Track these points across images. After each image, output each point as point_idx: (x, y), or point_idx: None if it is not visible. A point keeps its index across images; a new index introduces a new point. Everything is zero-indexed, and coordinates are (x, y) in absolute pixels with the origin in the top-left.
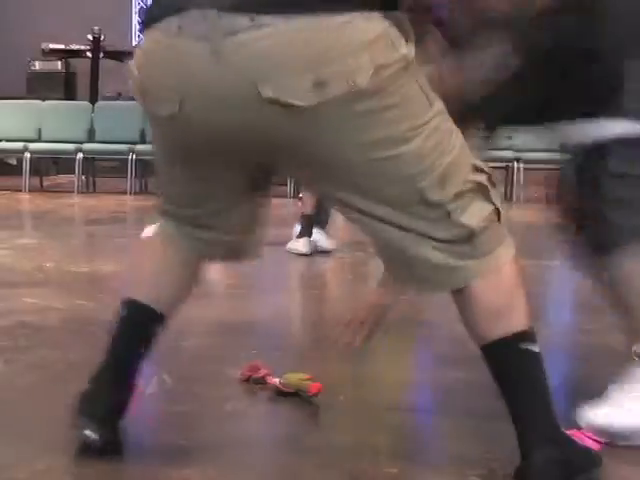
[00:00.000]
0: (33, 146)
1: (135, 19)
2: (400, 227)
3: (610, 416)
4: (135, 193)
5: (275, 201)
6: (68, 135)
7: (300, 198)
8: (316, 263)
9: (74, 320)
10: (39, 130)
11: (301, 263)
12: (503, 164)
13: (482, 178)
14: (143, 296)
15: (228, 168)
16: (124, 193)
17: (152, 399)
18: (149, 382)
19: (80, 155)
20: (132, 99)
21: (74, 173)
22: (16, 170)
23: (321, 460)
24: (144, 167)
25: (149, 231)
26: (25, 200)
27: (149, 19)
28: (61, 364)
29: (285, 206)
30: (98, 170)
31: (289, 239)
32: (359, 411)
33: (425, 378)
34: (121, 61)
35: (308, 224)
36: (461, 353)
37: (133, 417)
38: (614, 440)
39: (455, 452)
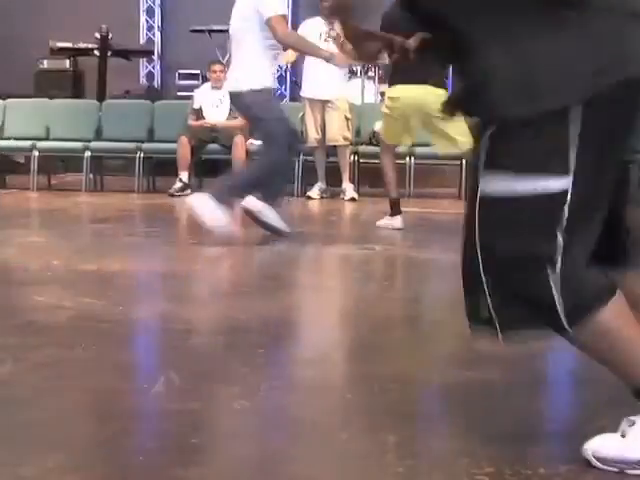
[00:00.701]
0: (41, 144)
1: (143, 17)
2: None
3: (621, 449)
4: (142, 191)
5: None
6: (76, 134)
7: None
8: (321, 261)
9: (82, 318)
10: (47, 129)
11: (306, 261)
12: None
13: None
14: None
15: None
16: (132, 191)
17: (159, 397)
18: (156, 380)
19: (88, 154)
20: (140, 97)
21: (82, 172)
22: (24, 168)
23: (328, 459)
24: (151, 166)
25: None
26: (33, 199)
27: None
28: (69, 362)
29: (293, 204)
30: (106, 169)
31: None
32: (366, 410)
33: (432, 377)
34: (129, 59)
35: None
36: (468, 352)
37: (140, 415)
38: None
39: (462, 451)
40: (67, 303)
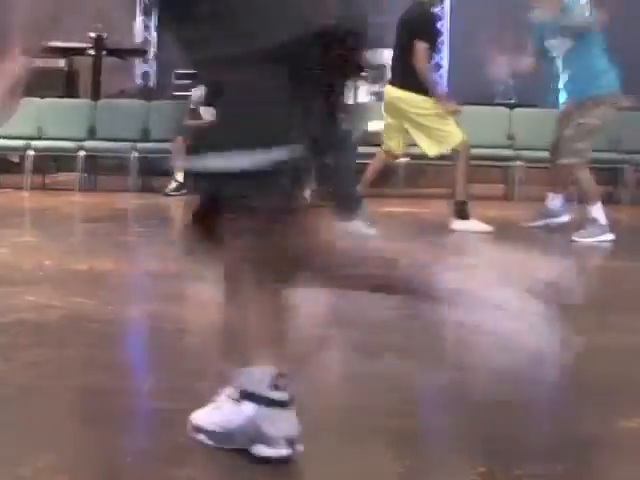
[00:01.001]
0: (35, 144)
1: (139, 17)
2: None
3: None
4: (136, 191)
5: None
6: (70, 133)
7: None
8: None
9: (73, 318)
10: (41, 128)
11: None
12: (502, 163)
13: None
14: None
15: None
16: (125, 191)
17: (152, 397)
18: (148, 380)
19: (82, 153)
20: (135, 97)
21: (76, 171)
22: (18, 168)
23: (325, 460)
24: (146, 165)
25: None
26: (26, 198)
27: None
28: (60, 362)
29: None
30: (100, 168)
31: None
32: (366, 410)
33: (431, 378)
34: (124, 59)
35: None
36: (460, 353)
37: (132, 415)
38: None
39: (461, 451)
40: (58, 302)
